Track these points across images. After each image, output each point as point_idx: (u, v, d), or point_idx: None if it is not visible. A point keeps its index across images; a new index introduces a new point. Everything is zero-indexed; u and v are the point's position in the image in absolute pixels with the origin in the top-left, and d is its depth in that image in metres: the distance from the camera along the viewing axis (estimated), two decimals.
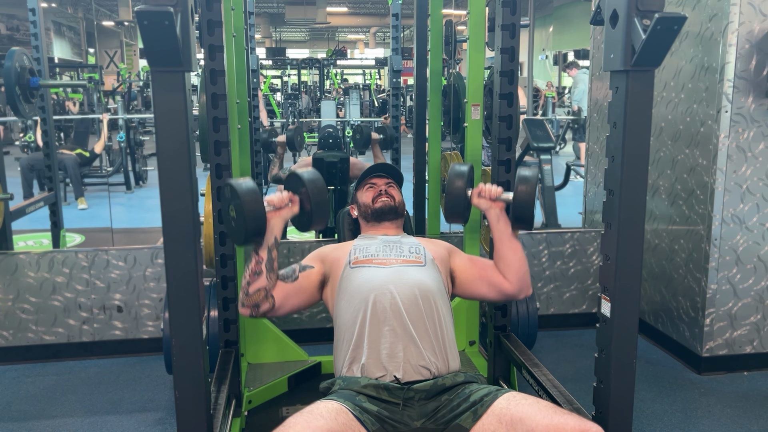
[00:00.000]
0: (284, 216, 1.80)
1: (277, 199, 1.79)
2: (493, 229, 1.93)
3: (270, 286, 1.76)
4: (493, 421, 1.54)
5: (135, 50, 16.43)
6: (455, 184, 1.94)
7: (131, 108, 9.57)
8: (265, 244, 1.75)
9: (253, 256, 1.76)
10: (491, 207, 1.92)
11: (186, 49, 1.29)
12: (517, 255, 1.91)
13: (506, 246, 1.91)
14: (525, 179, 1.85)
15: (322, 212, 1.83)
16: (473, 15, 2.47)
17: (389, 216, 2.07)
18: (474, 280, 1.96)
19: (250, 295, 1.75)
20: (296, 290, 1.84)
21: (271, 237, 1.76)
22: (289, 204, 1.81)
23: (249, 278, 1.75)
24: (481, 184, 1.94)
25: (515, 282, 1.91)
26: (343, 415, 1.51)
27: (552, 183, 4.81)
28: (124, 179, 7.38)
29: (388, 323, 1.72)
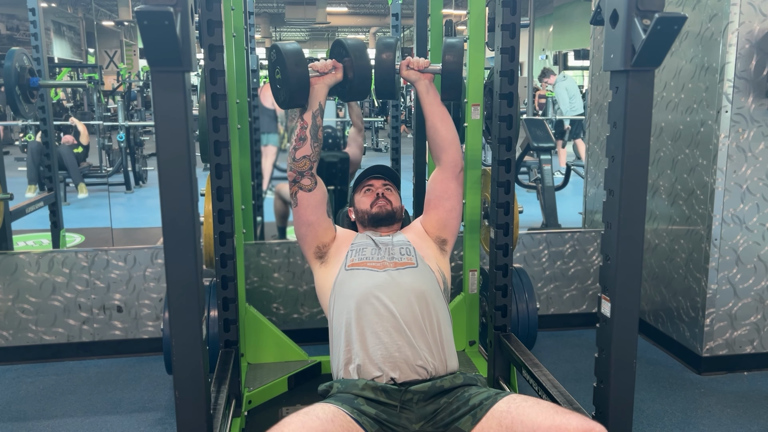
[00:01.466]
0: (328, 82, 1.83)
1: (321, 65, 1.82)
2: (423, 102, 1.96)
3: (314, 157, 1.83)
4: (493, 425, 1.53)
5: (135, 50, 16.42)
6: (383, 56, 1.91)
7: (131, 108, 9.55)
8: (310, 109, 1.80)
9: (299, 122, 1.81)
10: (420, 78, 1.94)
11: (186, 49, 1.29)
12: (447, 124, 1.96)
13: (437, 116, 1.95)
14: (451, 47, 1.86)
15: (364, 81, 1.85)
16: (473, 15, 2.47)
17: (386, 221, 2.07)
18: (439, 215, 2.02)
19: (296, 160, 1.83)
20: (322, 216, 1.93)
21: (315, 102, 1.80)
22: (333, 71, 1.83)
23: (295, 143, 1.81)
24: (408, 57, 1.96)
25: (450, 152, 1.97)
26: (340, 418, 1.51)
27: (552, 183, 4.81)
28: (124, 179, 7.38)
29: (381, 325, 1.72)
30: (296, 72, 1.72)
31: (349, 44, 1.83)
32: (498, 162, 2.26)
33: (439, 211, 2.02)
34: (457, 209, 2.04)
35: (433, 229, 2.03)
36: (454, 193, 2.01)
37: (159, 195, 1.36)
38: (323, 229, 1.94)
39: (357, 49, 1.83)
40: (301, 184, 1.85)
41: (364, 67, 1.83)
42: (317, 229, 1.93)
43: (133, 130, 7.54)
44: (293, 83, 1.72)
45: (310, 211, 1.90)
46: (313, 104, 1.80)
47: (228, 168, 2.10)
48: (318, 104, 1.80)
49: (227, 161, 2.10)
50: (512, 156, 2.26)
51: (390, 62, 1.92)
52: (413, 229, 2.07)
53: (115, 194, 7.15)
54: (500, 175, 2.26)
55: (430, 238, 2.02)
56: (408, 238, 2.00)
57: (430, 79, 1.95)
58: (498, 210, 2.26)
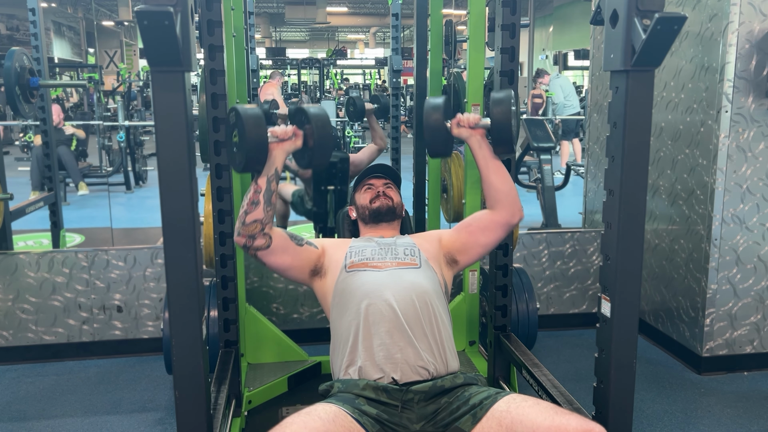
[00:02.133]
0: (286, 149, 1.78)
1: (280, 131, 1.77)
2: (476, 157, 1.93)
3: (266, 220, 1.75)
4: (493, 425, 1.53)
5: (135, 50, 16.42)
6: (432, 117, 1.91)
7: (131, 108, 9.55)
8: (265, 174, 1.74)
9: (252, 186, 1.75)
10: (471, 135, 1.91)
11: (186, 49, 1.29)
12: (502, 177, 1.92)
13: (491, 170, 1.91)
14: (499, 101, 1.84)
15: (324, 150, 1.81)
16: (473, 15, 2.47)
17: (387, 217, 2.07)
18: (468, 241, 1.96)
19: (246, 225, 1.74)
20: (294, 253, 1.85)
21: (271, 168, 1.74)
22: (293, 137, 1.79)
23: (246, 207, 1.74)
24: (459, 114, 1.93)
25: (507, 206, 1.91)
26: (341, 418, 1.51)
27: (552, 183, 4.81)
28: (124, 179, 7.38)
29: (384, 326, 1.72)
30: (255, 137, 1.67)
31: (312, 113, 1.80)
32: None
33: (471, 239, 1.97)
34: (486, 250, 1.99)
35: (452, 247, 1.99)
36: (496, 236, 1.96)
37: (159, 195, 1.36)
38: (305, 258, 1.90)
39: (319, 118, 1.79)
40: (255, 246, 1.77)
41: (325, 137, 1.80)
42: (299, 264, 1.89)
43: (133, 130, 7.54)
44: (252, 148, 1.67)
45: (281, 259, 1.84)
46: (269, 169, 1.74)
47: (228, 168, 2.11)
48: (274, 170, 1.75)
49: (227, 161, 2.10)
50: (512, 156, 2.26)
51: (440, 123, 1.90)
52: (424, 236, 2.05)
53: (115, 194, 7.15)
54: None
55: (441, 250, 1.99)
56: (414, 241, 1.99)
57: (482, 134, 1.91)
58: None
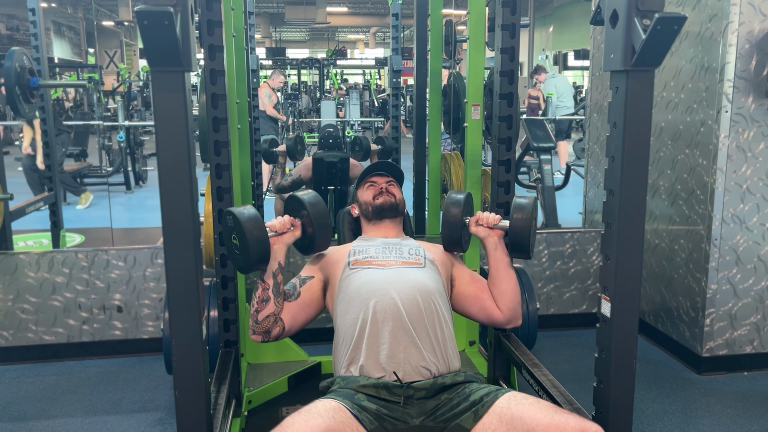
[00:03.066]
0: (286, 241, 1.81)
1: (279, 224, 1.79)
2: (490, 257, 1.92)
3: (278, 311, 1.77)
4: (494, 421, 1.54)
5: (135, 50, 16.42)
6: (452, 212, 1.93)
7: (131, 108, 9.56)
8: (270, 270, 1.75)
9: (260, 284, 1.76)
10: (489, 235, 1.91)
11: (186, 49, 1.29)
12: (511, 285, 1.91)
13: (502, 275, 1.91)
14: (520, 207, 1.84)
15: (324, 235, 1.84)
16: (473, 15, 2.47)
17: (390, 213, 2.07)
18: (469, 298, 1.95)
19: (260, 323, 1.75)
20: (301, 306, 1.84)
21: (275, 263, 1.76)
22: (291, 228, 1.81)
23: (257, 305, 1.75)
24: (478, 213, 1.93)
25: (506, 311, 1.91)
26: (341, 414, 1.51)
27: (552, 183, 4.81)
28: (124, 179, 7.38)
29: (387, 325, 1.72)
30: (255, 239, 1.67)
31: (306, 199, 1.81)
32: (498, 162, 2.26)
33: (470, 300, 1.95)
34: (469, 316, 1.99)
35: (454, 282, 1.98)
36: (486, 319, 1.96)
37: (159, 195, 1.36)
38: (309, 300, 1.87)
39: (314, 205, 1.81)
40: (272, 337, 1.78)
41: (323, 220, 1.82)
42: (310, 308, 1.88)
43: (133, 130, 7.54)
44: (253, 250, 1.67)
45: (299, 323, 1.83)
46: (272, 265, 1.76)
47: (228, 168, 2.10)
48: (278, 264, 1.76)
49: (227, 161, 2.10)
50: (512, 156, 2.26)
51: (458, 218, 1.92)
52: (435, 248, 2.04)
53: (115, 194, 7.14)
54: (500, 175, 2.26)
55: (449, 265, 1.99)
56: (421, 244, 2.00)
57: (500, 235, 1.91)
58: (498, 210, 2.26)
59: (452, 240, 1.96)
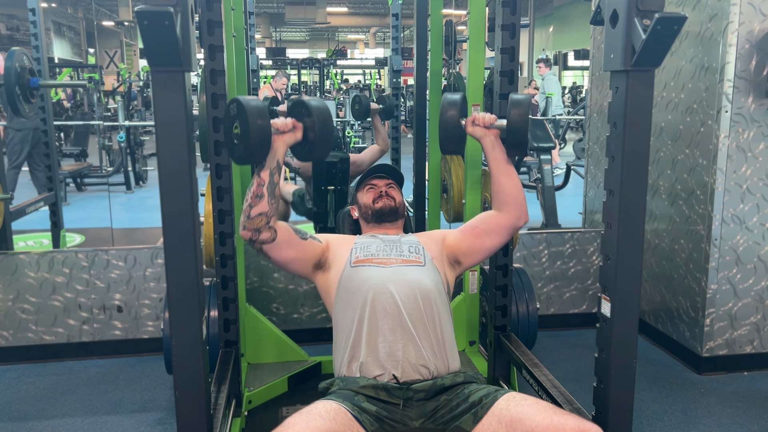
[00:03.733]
0: (287, 141, 1.79)
1: (281, 123, 1.77)
2: (489, 157, 1.93)
3: (270, 213, 1.76)
4: (493, 422, 1.54)
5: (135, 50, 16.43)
6: (448, 113, 1.91)
7: (131, 108, 9.56)
8: (267, 166, 1.75)
9: (255, 179, 1.76)
10: (486, 135, 1.91)
11: (186, 49, 1.29)
12: (513, 181, 1.93)
13: (502, 172, 1.92)
14: (517, 103, 1.84)
15: (325, 143, 1.81)
16: (473, 15, 2.47)
17: (390, 217, 2.07)
18: (473, 244, 1.97)
19: (251, 218, 1.75)
20: (299, 247, 1.87)
21: (273, 160, 1.75)
22: (293, 129, 1.79)
23: (251, 200, 1.75)
24: (474, 113, 1.93)
25: (514, 209, 1.92)
26: (341, 415, 1.51)
27: (552, 183, 4.81)
28: (124, 179, 7.38)
29: (387, 322, 1.72)
30: (258, 129, 1.67)
31: (313, 106, 1.80)
32: None
33: (476, 242, 1.97)
34: (490, 252, 2.00)
35: (456, 248, 1.99)
36: (501, 238, 1.96)
37: (159, 195, 1.36)
38: (308, 252, 1.91)
39: (320, 112, 1.79)
40: (260, 240, 1.79)
41: (326, 131, 1.80)
42: (303, 257, 1.90)
43: (133, 130, 7.54)
44: (254, 140, 1.67)
45: (285, 252, 1.85)
46: (270, 162, 1.75)
47: (228, 168, 2.11)
48: (276, 162, 1.76)
49: (227, 161, 2.10)
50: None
51: (455, 119, 1.91)
52: (429, 235, 2.05)
53: (115, 194, 7.14)
54: None
55: (444, 251, 1.99)
56: (419, 240, 2.00)
57: (496, 135, 1.91)
58: None
59: (450, 141, 1.94)
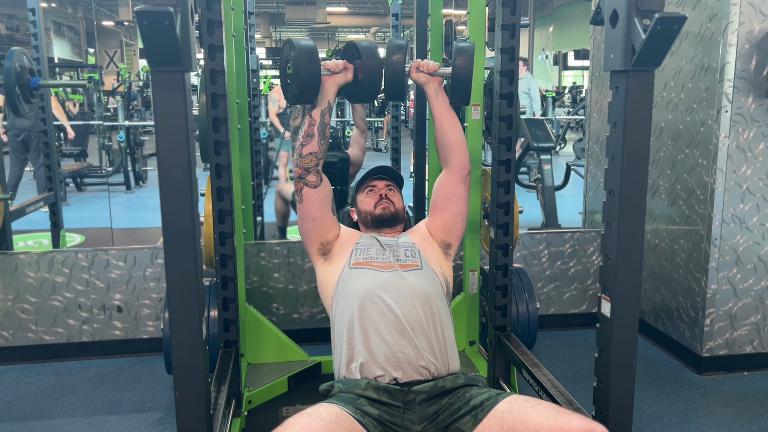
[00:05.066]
0: (338, 81, 1.84)
1: (332, 64, 1.83)
2: (432, 104, 1.96)
3: (320, 154, 1.84)
4: (495, 425, 1.53)
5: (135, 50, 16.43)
6: (393, 57, 1.91)
7: (131, 108, 9.55)
8: (318, 108, 1.81)
9: (307, 119, 1.82)
10: (429, 81, 1.94)
11: (186, 49, 1.29)
12: (456, 128, 1.97)
13: (446, 120, 1.96)
14: (462, 50, 1.86)
15: (374, 84, 1.86)
16: (473, 15, 2.47)
17: (390, 223, 2.08)
18: (445, 218, 2.01)
19: (303, 156, 1.83)
20: (326, 214, 1.93)
21: (324, 100, 1.81)
22: (344, 71, 1.84)
23: (302, 140, 1.82)
24: (418, 60, 1.96)
25: (459, 156, 1.97)
26: (343, 419, 1.50)
27: (552, 183, 4.81)
28: (124, 179, 7.38)
29: (383, 325, 1.72)
30: (308, 68, 1.74)
31: (362, 46, 1.85)
32: (498, 162, 2.26)
33: (445, 214, 2.01)
34: (463, 213, 2.03)
35: (438, 233, 2.03)
36: (460, 196, 2.00)
37: (159, 195, 1.36)
38: (327, 225, 1.95)
39: (369, 51, 1.85)
40: (306, 180, 1.86)
41: (375, 70, 1.84)
42: (322, 225, 1.94)
43: (133, 130, 7.54)
44: (305, 79, 1.74)
45: (315, 207, 1.90)
46: (322, 102, 1.81)
47: (228, 168, 2.10)
48: (327, 102, 1.82)
49: (227, 161, 2.10)
50: (512, 156, 2.26)
51: (400, 64, 1.92)
52: (418, 232, 2.07)
53: (115, 194, 7.14)
54: (500, 175, 2.26)
55: (435, 241, 2.02)
56: (413, 240, 2.00)
57: (440, 82, 1.95)
58: (498, 210, 2.26)
59: (393, 84, 1.93)
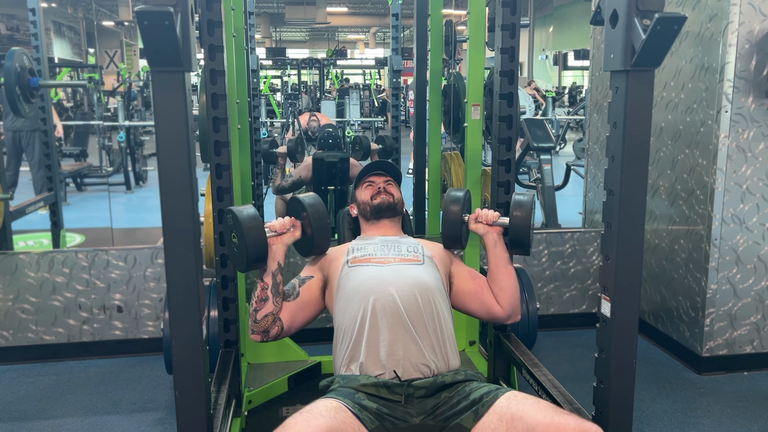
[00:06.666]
0: (286, 241, 1.83)
1: (278, 225, 1.82)
2: (489, 254, 1.93)
3: (276, 310, 1.79)
4: (494, 419, 1.54)
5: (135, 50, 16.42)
6: (451, 209, 1.94)
7: (131, 108, 9.56)
8: (269, 270, 1.78)
9: (259, 283, 1.78)
10: (488, 232, 1.92)
11: (186, 49, 1.29)
12: (511, 281, 1.92)
13: (502, 271, 1.92)
14: (520, 204, 1.86)
15: (323, 237, 1.87)
16: (473, 15, 2.47)
17: (388, 213, 2.07)
18: (469, 294, 1.96)
19: (258, 322, 1.78)
20: (300, 306, 1.85)
21: (273, 263, 1.79)
22: (291, 229, 1.84)
23: (256, 305, 1.77)
24: (477, 210, 1.95)
25: (507, 307, 1.92)
26: (342, 413, 1.51)
27: (552, 183, 4.81)
28: (124, 179, 7.38)
29: (386, 322, 1.72)
30: (254, 237, 1.71)
31: (306, 202, 1.86)
32: (498, 162, 2.26)
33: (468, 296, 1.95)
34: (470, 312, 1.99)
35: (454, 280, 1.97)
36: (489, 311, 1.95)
37: (159, 195, 1.36)
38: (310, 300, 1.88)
39: (314, 206, 1.86)
40: (271, 337, 1.80)
41: (323, 224, 1.86)
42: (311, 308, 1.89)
43: (133, 130, 7.54)
44: (251, 250, 1.71)
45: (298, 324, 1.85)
46: (272, 265, 1.78)
47: (228, 168, 2.10)
48: (277, 264, 1.79)
49: (227, 161, 2.10)
50: (512, 156, 2.26)
51: (458, 215, 1.94)
52: (434, 243, 2.05)
53: (115, 194, 7.14)
54: (500, 175, 2.26)
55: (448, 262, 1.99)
56: (419, 241, 2.00)
57: (499, 232, 1.92)
58: (498, 210, 2.26)
59: (452, 237, 1.97)
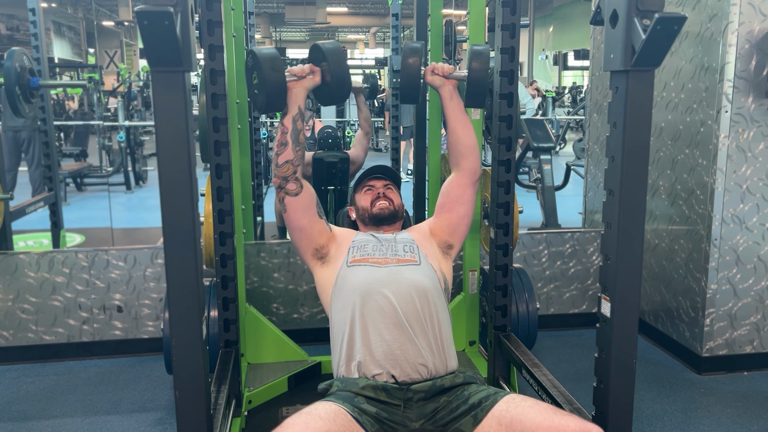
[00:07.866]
0: (306, 86, 1.85)
1: (298, 69, 1.84)
2: (446, 107, 1.97)
3: (296, 161, 1.84)
4: (493, 424, 1.54)
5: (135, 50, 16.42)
6: (409, 61, 1.92)
7: (131, 108, 9.55)
8: (290, 114, 1.82)
9: (279, 127, 1.83)
10: (444, 84, 1.96)
11: (186, 49, 1.29)
12: (469, 131, 1.99)
13: (460, 123, 1.97)
14: (478, 53, 1.87)
15: (343, 84, 1.86)
16: (473, 15, 2.47)
17: (388, 221, 2.08)
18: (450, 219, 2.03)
19: (279, 166, 1.84)
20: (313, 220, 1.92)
21: (294, 106, 1.82)
22: (311, 74, 1.85)
23: (277, 149, 1.82)
24: (433, 63, 1.97)
25: (470, 159, 1.99)
26: (341, 417, 1.51)
27: (552, 183, 4.81)
28: (124, 179, 7.38)
29: (382, 322, 1.72)
30: (273, 76, 1.74)
31: (326, 48, 1.85)
32: (498, 162, 2.26)
33: (452, 216, 2.03)
34: (469, 216, 2.05)
35: (441, 233, 2.03)
36: (469, 199, 2.02)
37: (159, 195, 1.36)
38: (317, 231, 1.94)
39: (334, 53, 1.85)
40: (286, 189, 1.86)
41: (342, 71, 1.85)
42: (310, 231, 1.94)
43: (133, 130, 7.54)
44: (270, 87, 1.74)
45: (300, 215, 1.90)
46: (292, 108, 1.81)
47: (228, 168, 2.10)
48: (297, 108, 1.82)
49: (227, 161, 2.10)
50: (512, 156, 2.26)
51: (416, 67, 1.93)
52: (419, 230, 2.08)
53: (115, 194, 7.15)
54: (500, 175, 2.26)
55: (435, 241, 2.03)
56: (412, 237, 2.01)
57: (454, 85, 1.96)
58: (498, 210, 2.26)
59: (410, 88, 1.95)
